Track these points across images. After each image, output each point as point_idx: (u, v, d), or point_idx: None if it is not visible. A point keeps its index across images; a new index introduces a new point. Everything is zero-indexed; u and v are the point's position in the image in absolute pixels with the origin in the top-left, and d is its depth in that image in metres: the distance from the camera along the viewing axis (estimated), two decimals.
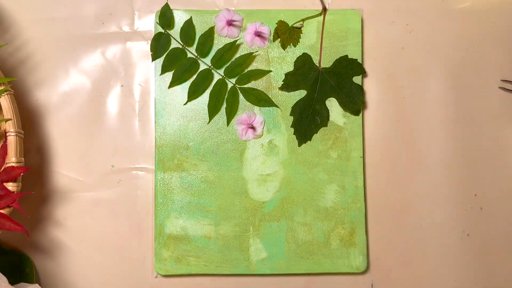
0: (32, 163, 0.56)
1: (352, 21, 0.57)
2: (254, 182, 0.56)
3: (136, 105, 0.58)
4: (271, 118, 0.57)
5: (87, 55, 0.58)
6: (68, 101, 0.57)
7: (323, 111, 0.56)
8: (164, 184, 0.56)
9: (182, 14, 0.57)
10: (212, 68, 0.56)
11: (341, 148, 0.56)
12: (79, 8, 0.58)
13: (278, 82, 0.57)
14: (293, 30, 0.56)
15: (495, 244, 0.57)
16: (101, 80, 0.58)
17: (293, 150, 0.56)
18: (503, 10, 0.59)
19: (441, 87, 0.58)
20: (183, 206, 0.56)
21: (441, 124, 0.58)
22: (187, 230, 0.55)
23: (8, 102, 0.49)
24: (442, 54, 0.58)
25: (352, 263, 0.56)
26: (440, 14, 0.59)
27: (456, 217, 0.57)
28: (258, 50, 0.57)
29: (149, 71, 0.58)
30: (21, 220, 0.56)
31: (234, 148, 0.56)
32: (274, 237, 0.56)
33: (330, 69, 0.56)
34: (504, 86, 0.58)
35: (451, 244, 0.57)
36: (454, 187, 0.58)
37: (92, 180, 0.57)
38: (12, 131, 0.48)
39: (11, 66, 0.57)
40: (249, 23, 0.56)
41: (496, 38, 0.58)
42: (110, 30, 0.58)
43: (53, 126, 0.57)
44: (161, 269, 0.55)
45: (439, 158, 0.58)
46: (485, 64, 0.58)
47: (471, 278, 0.57)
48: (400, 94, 0.58)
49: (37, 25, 0.58)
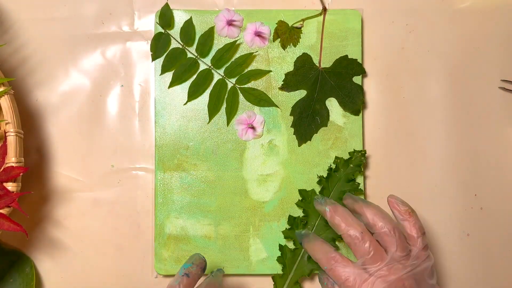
0: (32, 163, 0.56)
1: (352, 21, 0.57)
2: (254, 182, 0.56)
3: (136, 105, 0.58)
4: (271, 118, 0.57)
5: (87, 55, 0.58)
6: (68, 101, 0.57)
7: (323, 111, 0.56)
8: (164, 184, 0.56)
9: (182, 14, 0.57)
10: (212, 68, 0.56)
11: (341, 148, 0.56)
12: (79, 8, 0.58)
13: (278, 82, 0.57)
14: (293, 30, 0.56)
15: (495, 244, 0.57)
16: (101, 80, 0.58)
17: (293, 150, 0.56)
18: (503, 10, 0.59)
19: (441, 87, 0.58)
20: (183, 206, 0.56)
21: (441, 124, 0.58)
22: (187, 230, 0.55)
23: (8, 102, 0.49)
24: (442, 54, 0.58)
25: None
26: (440, 14, 0.59)
27: (456, 217, 0.57)
28: (258, 50, 0.57)
29: (149, 71, 0.58)
30: (21, 220, 0.56)
31: (234, 148, 0.56)
32: (274, 237, 0.56)
33: (330, 69, 0.56)
34: (504, 86, 0.58)
35: (451, 244, 0.57)
36: (454, 187, 0.58)
37: (92, 180, 0.57)
38: (11, 131, 0.48)
39: (11, 66, 0.57)
40: (249, 23, 0.56)
41: (496, 38, 0.58)
42: (110, 30, 0.58)
43: (53, 126, 0.57)
44: (161, 269, 0.55)
45: (439, 158, 0.58)
46: (485, 64, 0.58)
47: (471, 278, 0.57)
48: (400, 94, 0.58)
49: (37, 25, 0.58)
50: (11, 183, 0.48)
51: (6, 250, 0.56)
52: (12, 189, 0.48)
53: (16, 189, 0.48)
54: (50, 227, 0.56)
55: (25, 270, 0.55)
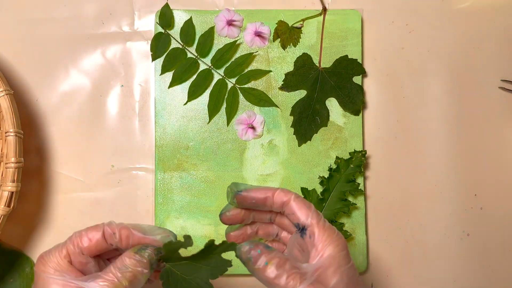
0: (32, 163, 0.56)
1: (352, 21, 0.57)
2: (254, 182, 0.56)
3: (136, 105, 0.58)
4: (271, 118, 0.57)
5: (87, 55, 0.58)
6: (68, 101, 0.57)
7: (323, 111, 0.56)
8: (164, 184, 0.56)
9: (182, 14, 0.57)
10: (212, 68, 0.56)
11: (341, 148, 0.56)
12: (79, 8, 0.58)
13: (278, 82, 0.57)
14: (293, 30, 0.56)
15: (495, 244, 0.57)
16: (101, 80, 0.58)
17: (293, 150, 0.56)
18: (503, 10, 0.59)
19: (441, 87, 0.58)
20: (183, 206, 0.56)
21: (441, 124, 0.58)
22: (187, 230, 0.55)
23: (7, 102, 0.49)
24: (442, 54, 0.58)
25: None
26: (440, 14, 0.59)
27: (456, 217, 0.57)
28: (258, 50, 0.57)
29: (149, 71, 0.58)
30: (21, 220, 0.56)
31: (234, 148, 0.56)
32: None
33: (330, 69, 0.56)
34: (504, 86, 0.58)
35: (451, 244, 0.57)
36: (454, 187, 0.58)
37: (92, 180, 0.57)
38: (11, 131, 0.48)
39: (11, 66, 0.57)
40: (249, 23, 0.56)
41: (496, 38, 0.58)
42: (110, 30, 0.58)
43: (53, 126, 0.57)
44: None
45: (439, 158, 0.58)
46: (485, 64, 0.58)
47: (471, 278, 0.57)
48: (400, 94, 0.58)
49: (37, 25, 0.58)
50: (10, 183, 0.48)
51: (6, 250, 0.56)
52: (12, 189, 0.48)
53: (16, 189, 0.48)
54: (50, 227, 0.56)
55: (25, 270, 0.55)
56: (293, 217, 0.40)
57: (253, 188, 0.41)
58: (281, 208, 0.41)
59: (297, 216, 0.40)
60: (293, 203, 0.40)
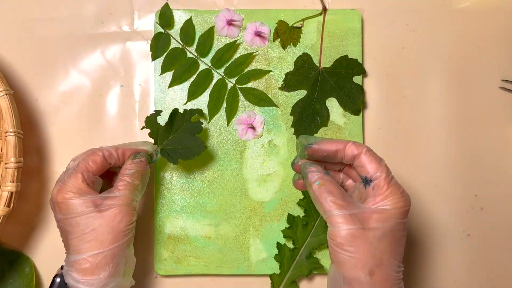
0: (32, 163, 0.56)
1: (352, 21, 0.57)
2: (254, 182, 0.56)
3: (136, 105, 0.58)
4: (271, 118, 0.57)
5: (87, 55, 0.58)
6: (68, 101, 0.57)
7: (323, 111, 0.56)
8: (164, 184, 0.56)
9: (182, 14, 0.57)
10: (212, 68, 0.56)
11: None
12: (79, 8, 0.58)
13: (278, 82, 0.57)
14: (293, 30, 0.56)
15: (495, 244, 0.57)
16: (101, 80, 0.58)
17: (293, 150, 0.56)
18: (503, 10, 0.59)
19: (441, 87, 0.58)
20: (183, 206, 0.56)
21: (441, 124, 0.58)
22: (187, 230, 0.55)
23: (7, 102, 0.49)
24: (442, 54, 0.58)
25: None
26: (440, 14, 0.59)
27: (456, 217, 0.57)
28: (258, 50, 0.57)
29: (149, 71, 0.58)
30: (21, 220, 0.56)
31: (234, 148, 0.56)
32: (274, 238, 0.56)
33: (330, 69, 0.56)
34: (504, 86, 0.58)
35: (451, 244, 0.57)
36: (454, 187, 0.58)
37: None
38: (11, 131, 0.48)
39: (11, 66, 0.57)
40: (249, 23, 0.56)
41: (496, 38, 0.58)
42: (110, 30, 0.58)
43: (53, 126, 0.57)
44: (161, 269, 0.55)
45: (439, 158, 0.58)
46: (485, 64, 0.58)
47: (471, 278, 0.57)
48: (400, 94, 0.58)
49: (37, 25, 0.58)
50: (10, 183, 0.48)
51: (6, 250, 0.56)
52: (12, 189, 0.48)
53: (16, 189, 0.48)
54: (50, 227, 0.56)
55: (25, 270, 0.55)
56: (362, 170, 0.42)
57: (324, 141, 0.43)
58: (351, 160, 0.43)
59: (367, 169, 0.42)
60: (363, 156, 0.42)
